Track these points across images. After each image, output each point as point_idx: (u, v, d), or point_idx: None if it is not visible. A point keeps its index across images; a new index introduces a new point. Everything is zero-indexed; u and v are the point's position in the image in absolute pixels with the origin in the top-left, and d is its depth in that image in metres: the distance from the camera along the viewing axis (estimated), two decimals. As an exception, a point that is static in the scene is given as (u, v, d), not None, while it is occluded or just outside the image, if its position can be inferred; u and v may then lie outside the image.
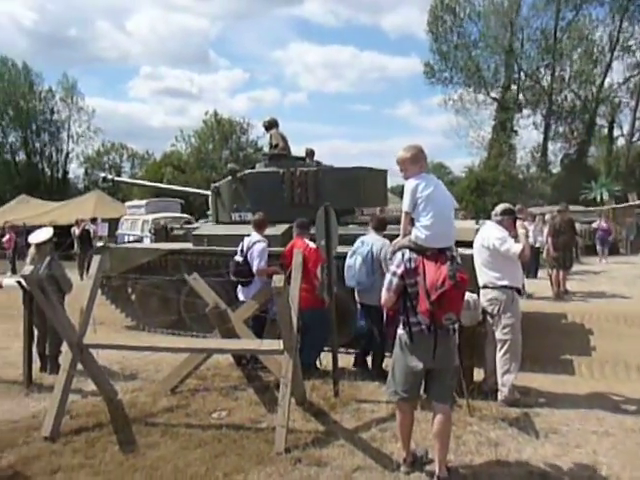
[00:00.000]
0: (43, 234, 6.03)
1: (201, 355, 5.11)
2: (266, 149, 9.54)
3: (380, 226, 5.62)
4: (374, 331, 5.39)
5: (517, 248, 4.64)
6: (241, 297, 5.86)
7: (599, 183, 27.82)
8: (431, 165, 49.25)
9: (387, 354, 5.15)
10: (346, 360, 5.66)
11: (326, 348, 5.50)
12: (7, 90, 40.24)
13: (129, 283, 7.94)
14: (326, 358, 5.60)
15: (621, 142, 34.07)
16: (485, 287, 4.80)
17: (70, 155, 43.73)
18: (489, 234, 4.81)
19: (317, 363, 5.64)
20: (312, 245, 5.48)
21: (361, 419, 4.48)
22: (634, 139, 32.54)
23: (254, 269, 5.74)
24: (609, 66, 31.78)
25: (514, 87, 33.39)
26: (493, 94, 34.00)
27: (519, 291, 4.87)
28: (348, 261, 5.46)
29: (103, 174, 11.96)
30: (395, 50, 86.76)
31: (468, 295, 4.92)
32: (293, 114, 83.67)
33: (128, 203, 23.01)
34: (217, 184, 8.63)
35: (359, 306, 5.59)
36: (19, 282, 5.39)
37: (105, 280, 7.94)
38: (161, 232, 9.08)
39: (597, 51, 31.78)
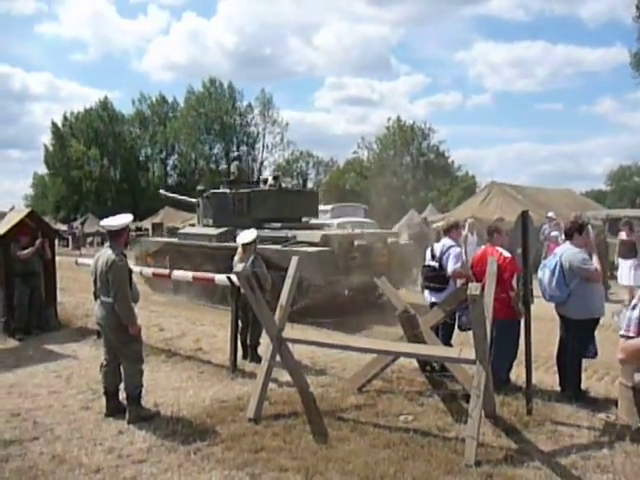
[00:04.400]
0: (249, 235, 6.69)
1: (388, 357, 5.20)
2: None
3: (571, 233, 5.20)
4: (571, 346, 5.00)
5: None
6: (430, 299, 5.99)
7: None
8: None
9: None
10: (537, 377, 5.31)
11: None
12: (214, 108, 46.01)
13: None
14: (515, 372, 5.34)
15: None
16: None
17: (264, 163, 48.30)
18: None
19: (509, 377, 5.37)
20: (506, 254, 5.27)
21: (558, 443, 4.16)
22: None
23: (449, 270, 5.77)
24: None
25: None
26: None
27: None
28: (539, 274, 5.30)
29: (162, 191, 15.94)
30: (594, 41, 78.99)
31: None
32: (476, 117, 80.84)
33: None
34: (197, 199, 12.29)
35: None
36: (229, 278, 6.05)
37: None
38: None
39: None
